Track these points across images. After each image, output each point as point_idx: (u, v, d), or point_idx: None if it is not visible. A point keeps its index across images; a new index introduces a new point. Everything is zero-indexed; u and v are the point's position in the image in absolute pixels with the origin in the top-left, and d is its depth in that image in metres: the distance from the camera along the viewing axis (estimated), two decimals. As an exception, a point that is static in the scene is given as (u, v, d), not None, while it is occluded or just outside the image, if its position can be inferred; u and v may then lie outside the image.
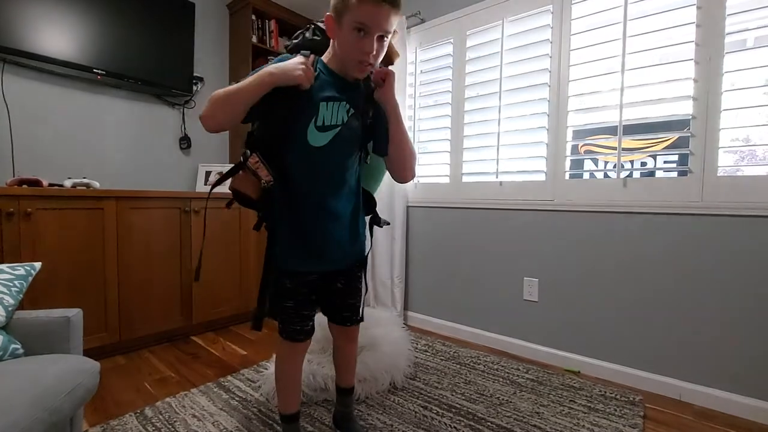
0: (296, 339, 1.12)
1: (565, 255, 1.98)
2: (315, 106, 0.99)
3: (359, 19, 0.91)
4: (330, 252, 1.08)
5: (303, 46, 1.11)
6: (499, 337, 2.22)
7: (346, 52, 0.97)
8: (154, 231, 2.14)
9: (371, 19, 0.91)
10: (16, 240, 1.68)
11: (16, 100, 2.07)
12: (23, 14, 1.97)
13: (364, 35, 0.93)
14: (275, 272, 1.08)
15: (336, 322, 1.24)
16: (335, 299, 1.20)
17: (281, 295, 1.09)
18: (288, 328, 1.11)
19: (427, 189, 2.58)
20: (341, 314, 1.22)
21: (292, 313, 1.10)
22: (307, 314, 1.12)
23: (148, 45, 2.42)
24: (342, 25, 0.94)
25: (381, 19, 0.91)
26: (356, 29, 0.92)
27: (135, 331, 2.06)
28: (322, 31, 1.11)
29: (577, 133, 1.98)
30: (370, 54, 0.95)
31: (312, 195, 1.04)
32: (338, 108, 1.02)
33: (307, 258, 1.07)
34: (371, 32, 0.93)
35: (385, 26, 0.93)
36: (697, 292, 1.63)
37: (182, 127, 2.76)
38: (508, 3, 2.16)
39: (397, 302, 2.60)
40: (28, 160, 2.11)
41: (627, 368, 1.79)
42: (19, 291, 1.14)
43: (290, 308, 1.10)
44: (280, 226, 1.07)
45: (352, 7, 0.90)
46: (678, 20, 1.65)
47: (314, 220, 1.05)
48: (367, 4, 0.89)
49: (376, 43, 0.94)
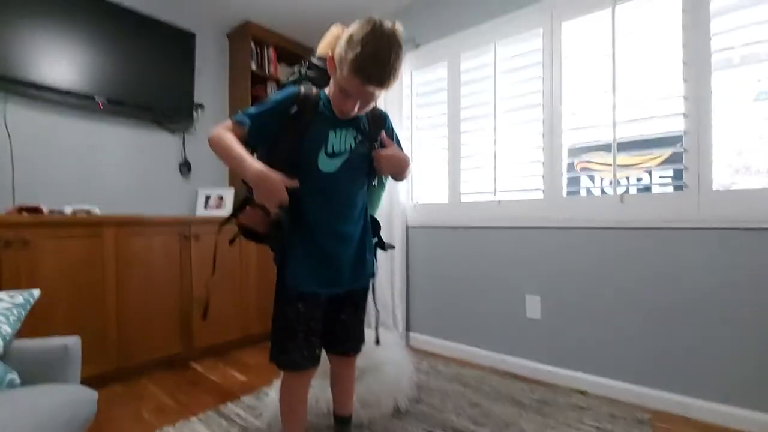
0: (303, 367, 1.09)
1: (566, 272, 1.98)
2: (325, 135, 1.03)
3: (345, 86, 0.95)
4: (343, 273, 1.09)
5: (300, 82, 1.14)
6: (502, 356, 2.18)
7: (333, 99, 1.01)
8: (154, 256, 2.13)
9: (357, 91, 0.95)
10: (15, 267, 1.67)
11: (18, 128, 2.10)
12: (26, 45, 2.02)
13: (349, 97, 0.97)
14: (287, 296, 1.06)
15: (338, 353, 1.22)
16: (338, 330, 1.18)
17: (292, 320, 1.07)
18: (295, 356, 1.07)
19: (426, 210, 2.59)
20: (344, 344, 1.21)
21: (302, 339, 1.07)
22: (315, 341, 1.11)
23: (149, 73, 2.48)
24: (336, 75, 0.97)
25: (366, 93, 0.95)
26: (344, 93, 0.96)
27: (134, 358, 2.03)
28: (316, 66, 1.14)
29: (572, 151, 2.01)
30: (353, 108, 0.99)
31: (323, 219, 1.06)
32: (346, 135, 1.05)
33: (322, 279, 1.07)
34: (355, 98, 0.97)
35: (369, 98, 0.98)
36: (700, 306, 1.63)
37: (182, 153, 2.79)
38: (499, 27, 2.23)
39: (399, 323, 2.58)
40: (29, 188, 2.12)
41: (634, 386, 1.76)
42: (17, 319, 1.13)
43: (300, 333, 1.07)
44: (291, 252, 1.06)
45: (344, 73, 0.93)
46: (665, 40, 1.70)
47: (326, 244, 1.06)
48: (355, 80, 0.92)
49: (360, 103, 0.98)
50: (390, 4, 2.69)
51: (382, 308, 2.63)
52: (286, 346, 1.07)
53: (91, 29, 2.23)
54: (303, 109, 1.01)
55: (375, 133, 1.12)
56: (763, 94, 1.56)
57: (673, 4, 1.69)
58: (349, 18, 3.12)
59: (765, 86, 1.54)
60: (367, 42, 0.88)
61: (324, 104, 1.05)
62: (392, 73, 0.92)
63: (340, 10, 2.71)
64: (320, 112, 1.03)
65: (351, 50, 0.89)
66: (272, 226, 1.05)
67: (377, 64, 0.90)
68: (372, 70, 0.90)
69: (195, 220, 2.33)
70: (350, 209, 1.09)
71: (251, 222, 1.05)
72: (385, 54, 0.90)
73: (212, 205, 2.72)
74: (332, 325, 1.17)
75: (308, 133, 1.01)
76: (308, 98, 1.02)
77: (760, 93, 1.57)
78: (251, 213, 1.04)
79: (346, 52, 0.90)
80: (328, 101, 1.05)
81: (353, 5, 2.68)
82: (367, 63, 0.89)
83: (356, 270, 1.12)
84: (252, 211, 1.03)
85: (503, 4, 2.21)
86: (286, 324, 1.07)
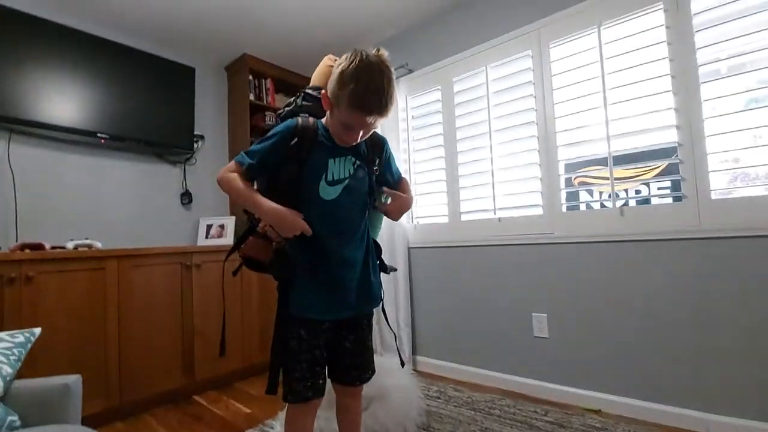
0: (307, 398, 1.05)
1: (571, 287, 1.96)
2: (324, 163, 1.05)
3: (346, 120, 0.97)
4: (348, 298, 1.08)
5: (296, 113, 1.16)
6: (512, 377, 2.13)
7: (335, 132, 1.04)
8: (156, 288, 2.12)
9: (358, 123, 0.97)
10: (17, 305, 1.67)
11: (22, 166, 2.14)
12: (29, 84, 2.08)
13: (352, 132, 0.99)
14: (289, 323, 1.05)
15: (343, 383, 1.18)
16: (344, 358, 1.15)
17: (294, 348, 1.05)
18: (299, 386, 1.04)
19: (427, 230, 2.59)
20: (350, 373, 1.17)
21: (305, 368, 1.05)
22: (320, 370, 1.08)
23: (150, 108, 2.54)
24: (333, 111, 1.00)
25: (366, 124, 0.97)
26: (345, 126, 0.98)
27: (135, 394, 1.99)
28: (312, 96, 1.17)
29: (569, 166, 2.02)
30: (355, 139, 1.01)
31: (327, 245, 1.05)
32: (344, 162, 1.07)
33: (326, 303, 1.06)
34: (357, 130, 0.99)
35: (370, 127, 1.00)
36: (711, 317, 1.60)
37: (183, 183, 2.82)
38: (488, 51, 2.29)
39: (405, 347, 2.53)
40: (32, 224, 2.14)
41: (649, 403, 1.71)
42: (17, 359, 1.12)
43: (304, 362, 1.05)
44: (295, 279, 1.05)
45: (343, 108, 0.95)
46: (652, 56, 1.75)
47: (331, 269, 1.06)
48: (355, 114, 0.94)
49: (362, 133, 1.01)
50: (383, 33, 2.77)
51: (387, 332, 2.59)
52: (289, 376, 1.05)
53: (92, 67, 2.31)
54: (302, 140, 1.03)
55: (373, 156, 1.14)
56: (753, 102, 1.59)
57: (656, 21, 1.74)
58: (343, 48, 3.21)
59: (754, 95, 1.57)
60: (359, 75, 0.91)
61: (322, 133, 1.07)
62: (389, 99, 0.94)
63: (334, 40, 2.80)
64: (319, 142, 1.05)
65: (345, 87, 0.92)
66: (276, 253, 1.05)
67: (374, 95, 0.92)
68: (371, 102, 0.92)
69: (196, 249, 2.33)
70: (353, 234, 1.10)
71: (254, 252, 1.05)
72: (379, 83, 0.92)
73: (213, 234, 2.73)
74: (337, 354, 1.15)
75: (308, 163, 1.03)
76: (306, 129, 1.05)
77: (749, 101, 1.59)
78: (254, 243, 1.05)
79: (341, 89, 0.93)
80: (325, 130, 1.07)
81: (347, 35, 2.76)
82: (364, 96, 0.91)
83: (362, 294, 1.11)
84: (255, 240, 1.05)
85: (492, 30, 2.28)
86: (287, 352, 1.05)
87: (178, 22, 2.51)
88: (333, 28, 2.66)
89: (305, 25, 2.61)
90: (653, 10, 1.76)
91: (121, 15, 2.40)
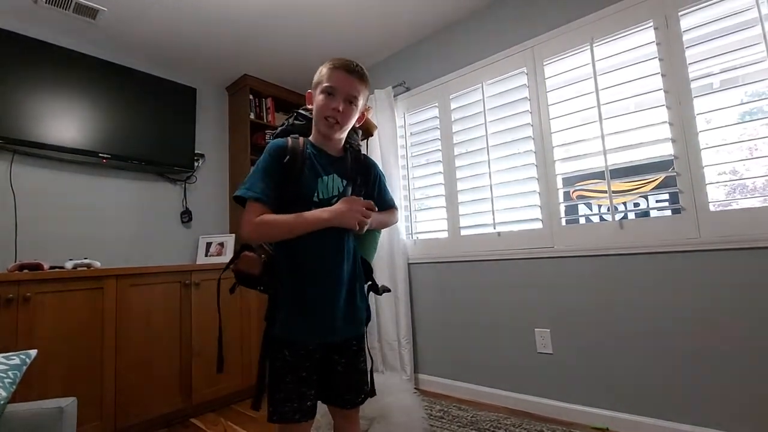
0: (293, 420, 1.02)
1: (573, 302, 1.94)
2: (314, 182, 1.07)
3: (329, 83, 1.06)
4: (333, 319, 1.06)
5: (289, 131, 1.18)
6: (517, 395, 2.09)
7: (318, 112, 1.09)
8: (154, 307, 2.10)
9: (339, 83, 1.06)
10: (14, 325, 1.65)
11: (23, 186, 2.15)
12: (31, 106, 2.11)
13: (333, 97, 1.07)
14: (273, 343, 1.04)
15: (337, 405, 1.15)
16: (337, 381, 1.13)
17: (279, 369, 1.03)
18: (283, 407, 1.02)
19: (426, 245, 2.58)
20: (343, 397, 1.14)
21: (291, 389, 1.03)
22: (306, 391, 1.05)
23: (151, 128, 2.57)
24: (316, 93, 1.09)
25: (347, 86, 1.07)
26: (326, 93, 1.06)
27: (131, 417, 1.94)
28: (304, 116, 1.20)
29: (567, 180, 2.03)
30: (337, 110, 1.06)
31: (314, 264, 1.05)
32: (333, 180, 1.10)
33: (310, 325, 1.04)
34: (338, 94, 1.07)
35: (352, 92, 1.08)
36: (720, 331, 1.57)
37: (183, 202, 2.83)
38: (484, 69, 2.34)
39: (407, 365, 2.49)
40: (32, 244, 2.13)
41: (658, 420, 1.67)
42: (12, 382, 1.10)
43: (288, 383, 1.03)
44: (281, 295, 1.05)
45: (325, 75, 1.07)
46: (644, 72, 1.78)
47: (316, 287, 1.05)
48: (337, 71, 1.07)
49: (343, 104, 1.07)
50: (380, 53, 2.83)
51: (389, 350, 2.55)
52: (273, 397, 1.03)
53: (94, 89, 2.35)
54: (294, 157, 1.06)
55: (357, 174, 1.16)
56: (747, 115, 1.61)
57: (647, 38, 1.78)
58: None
59: (747, 107, 1.59)
60: (336, 58, 1.10)
61: (311, 151, 1.09)
62: (364, 70, 1.11)
63: (333, 60, 2.85)
64: (308, 158, 1.07)
65: (324, 67, 1.09)
66: (264, 266, 1.05)
67: (350, 62, 1.08)
68: (349, 64, 1.08)
69: (195, 267, 2.32)
70: (340, 253, 1.09)
71: (247, 266, 1.05)
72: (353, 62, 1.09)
73: (213, 252, 2.72)
74: (330, 378, 1.12)
75: (301, 181, 1.05)
76: (296, 146, 1.08)
77: (743, 114, 1.62)
78: (246, 258, 1.05)
79: (320, 71, 1.09)
80: (312, 146, 1.11)
81: (345, 55, 2.81)
82: (342, 62, 1.08)
83: (348, 317, 1.09)
84: (247, 255, 1.05)
85: (487, 48, 2.34)
86: (273, 373, 1.04)
87: (179, 44, 2.56)
88: (331, 50, 2.71)
89: (303, 47, 2.67)
90: (643, 28, 1.80)
91: (122, 37, 2.45)
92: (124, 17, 2.27)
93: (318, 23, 2.43)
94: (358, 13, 2.37)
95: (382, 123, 2.66)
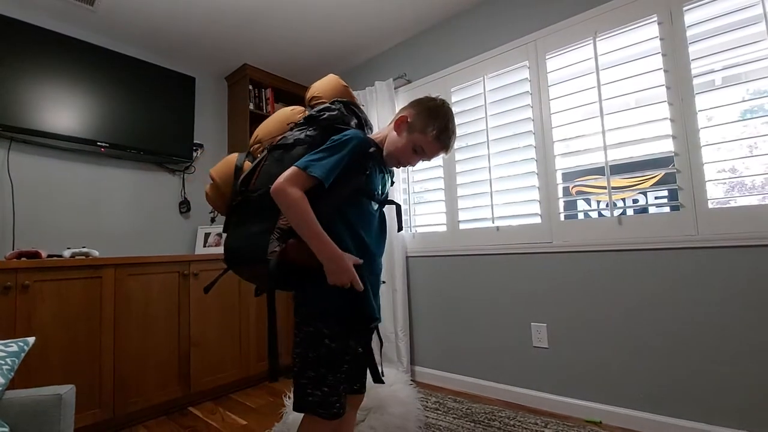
0: (340, 414, 0.98)
1: (570, 297, 1.95)
2: (377, 178, 1.14)
3: (426, 148, 1.10)
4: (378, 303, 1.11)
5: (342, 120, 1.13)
6: (511, 388, 2.11)
7: (398, 152, 1.12)
8: (153, 297, 2.11)
9: (432, 153, 1.13)
10: (12, 313, 1.65)
11: (21, 174, 2.14)
12: (30, 93, 2.10)
13: (418, 156, 1.13)
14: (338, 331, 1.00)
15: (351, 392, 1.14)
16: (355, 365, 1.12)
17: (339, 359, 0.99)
18: (332, 399, 0.96)
19: (425, 238, 2.59)
20: (360, 380, 1.15)
21: (343, 380, 0.99)
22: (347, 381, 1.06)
23: (150, 117, 2.55)
24: (408, 135, 1.11)
25: (436, 156, 1.15)
26: (415, 151, 1.11)
27: (130, 405, 1.96)
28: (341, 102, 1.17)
29: (566, 175, 2.03)
30: (411, 165, 1.17)
31: (372, 251, 1.11)
32: (384, 178, 1.19)
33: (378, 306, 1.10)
34: (424, 158, 1.14)
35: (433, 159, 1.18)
36: (714, 327, 1.59)
37: (182, 192, 2.83)
38: (486, 62, 2.32)
39: (403, 357, 2.51)
40: (30, 232, 2.13)
41: (652, 414, 1.69)
42: (10, 369, 1.10)
43: (344, 372, 1.00)
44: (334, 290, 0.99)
45: (426, 137, 1.09)
46: (647, 67, 1.77)
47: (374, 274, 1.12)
48: (436, 145, 1.10)
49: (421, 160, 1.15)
50: (382, 44, 2.81)
51: (386, 342, 2.56)
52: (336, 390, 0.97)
53: (93, 77, 2.33)
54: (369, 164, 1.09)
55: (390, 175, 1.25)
56: (748, 113, 1.60)
57: (651, 33, 1.77)
58: (343, 58, 3.23)
59: (749, 105, 1.58)
60: (447, 115, 1.12)
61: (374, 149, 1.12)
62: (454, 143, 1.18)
63: (332, 52, 2.83)
64: (374, 156, 1.11)
65: (433, 121, 1.09)
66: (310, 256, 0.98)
67: (453, 135, 1.14)
68: (449, 141, 1.13)
69: (194, 258, 2.32)
70: (383, 242, 1.20)
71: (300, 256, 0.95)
72: (455, 127, 1.15)
73: (212, 242, 2.72)
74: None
75: (370, 176, 1.10)
76: (375, 156, 1.11)
77: (744, 112, 1.61)
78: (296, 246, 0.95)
79: (427, 122, 1.09)
80: (379, 149, 1.14)
81: (345, 48, 2.80)
82: (445, 135, 1.10)
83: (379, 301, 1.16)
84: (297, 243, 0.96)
85: (489, 41, 2.31)
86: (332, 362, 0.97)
87: (179, 32, 2.53)
88: (332, 40, 2.69)
89: (304, 37, 2.64)
90: (647, 23, 1.78)
91: (122, 25, 2.42)
92: (123, 4, 2.24)
93: (320, 13, 2.41)
94: (360, 4, 2.34)
95: (383, 115, 2.64)
